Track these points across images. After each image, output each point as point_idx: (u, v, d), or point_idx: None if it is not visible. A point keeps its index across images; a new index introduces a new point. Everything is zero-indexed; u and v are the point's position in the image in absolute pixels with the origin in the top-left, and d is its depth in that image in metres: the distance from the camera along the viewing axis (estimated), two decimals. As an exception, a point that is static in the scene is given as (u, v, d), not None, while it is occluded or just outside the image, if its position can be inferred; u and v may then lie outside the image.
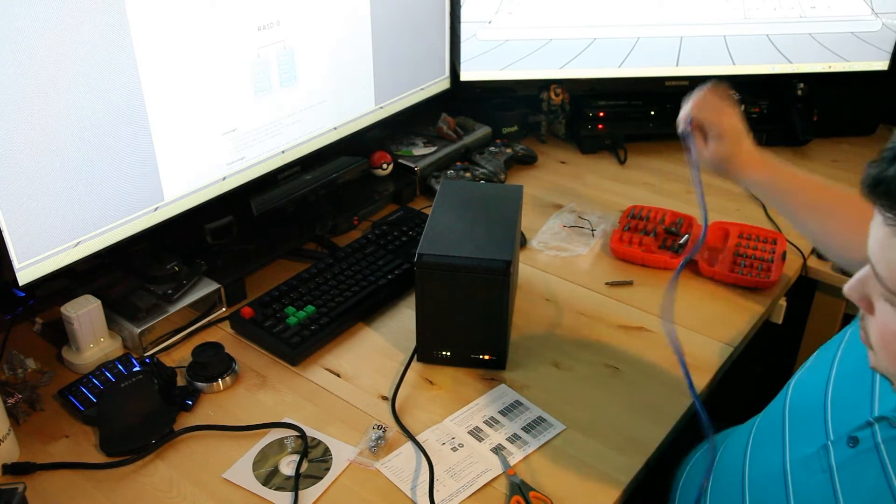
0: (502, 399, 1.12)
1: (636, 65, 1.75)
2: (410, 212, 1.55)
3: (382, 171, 1.61)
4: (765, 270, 1.35)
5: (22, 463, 1.00)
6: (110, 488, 0.98)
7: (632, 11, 1.71)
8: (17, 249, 1.04)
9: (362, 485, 0.99)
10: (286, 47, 1.31)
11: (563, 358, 1.19)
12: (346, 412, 1.10)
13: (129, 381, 1.07)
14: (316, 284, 1.30)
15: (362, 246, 1.40)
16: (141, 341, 1.18)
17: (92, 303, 1.16)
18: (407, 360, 1.17)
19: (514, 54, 1.72)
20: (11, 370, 1.12)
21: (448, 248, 1.10)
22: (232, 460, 1.02)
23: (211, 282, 1.28)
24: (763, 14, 1.71)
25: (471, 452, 1.03)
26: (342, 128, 1.49)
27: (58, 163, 1.05)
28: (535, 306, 1.31)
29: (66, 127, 1.04)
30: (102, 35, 1.05)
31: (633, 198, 1.60)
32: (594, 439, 1.05)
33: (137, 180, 1.16)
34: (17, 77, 0.97)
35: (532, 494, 0.96)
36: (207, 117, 1.23)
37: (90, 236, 1.12)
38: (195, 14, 1.15)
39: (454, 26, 1.66)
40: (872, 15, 1.71)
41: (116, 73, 1.08)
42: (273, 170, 1.38)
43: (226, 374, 1.14)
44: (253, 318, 1.23)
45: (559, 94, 1.82)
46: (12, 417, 1.05)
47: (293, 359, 1.18)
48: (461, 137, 1.73)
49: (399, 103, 1.60)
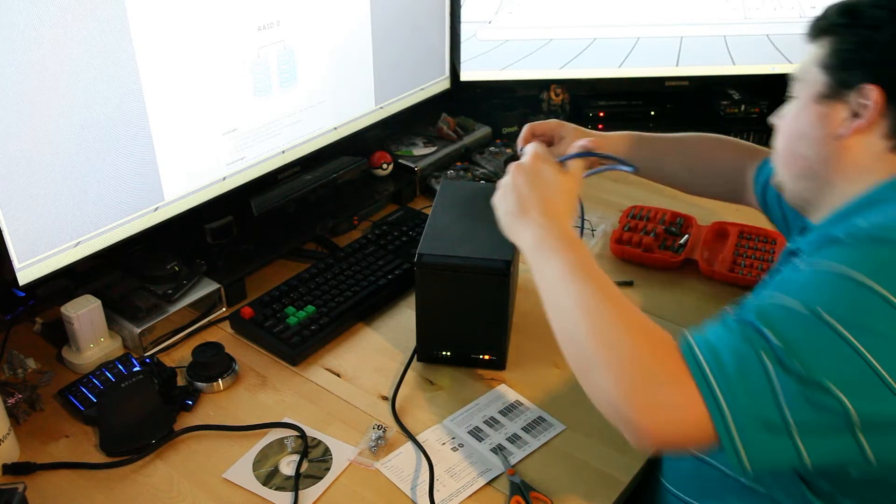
0: (502, 399, 1.11)
1: (636, 65, 1.75)
2: (410, 212, 1.55)
3: (382, 171, 1.61)
4: (765, 270, 1.35)
5: (22, 463, 1.00)
6: (110, 488, 0.98)
7: (632, 11, 1.71)
8: (17, 249, 1.04)
9: (362, 485, 0.99)
10: (286, 47, 1.31)
11: (563, 358, 1.19)
12: (346, 412, 1.10)
13: (129, 381, 1.07)
14: (316, 284, 1.30)
15: (362, 246, 1.40)
16: (141, 341, 1.18)
17: (92, 303, 1.15)
18: (407, 360, 1.17)
19: (514, 54, 1.72)
20: (11, 370, 1.12)
21: (448, 248, 1.10)
22: (232, 460, 1.02)
23: (211, 282, 1.28)
24: (763, 14, 1.71)
25: (471, 452, 1.03)
26: (342, 128, 1.49)
27: (58, 163, 1.05)
28: (535, 306, 1.29)
29: (66, 127, 1.04)
30: (103, 35, 1.05)
31: (633, 198, 1.60)
32: (594, 439, 1.05)
33: (137, 180, 1.16)
34: (16, 77, 0.97)
35: (532, 494, 0.96)
36: (207, 117, 1.23)
37: (90, 236, 1.12)
38: (195, 14, 1.15)
39: (454, 26, 1.66)
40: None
41: (116, 72, 1.08)
42: (273, 170, 1.38)
43: (226, 374, 1.14)
44: (253, 318, 1.23)
45: (559, 94, 1.82)
46: (12, 417, 1.05)
47: (293, 359, 1.18)
48: (461, 137, 1.73)
49: (399, 103, 1.60)
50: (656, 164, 1.23)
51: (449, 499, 0.96)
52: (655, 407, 0.73)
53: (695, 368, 0.72)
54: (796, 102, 0.89)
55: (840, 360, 0.70)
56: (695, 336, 0.76)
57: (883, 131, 0.80)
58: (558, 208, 0.91)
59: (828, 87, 0.83)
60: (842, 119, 0.82)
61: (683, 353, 0.74)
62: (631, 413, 0.73)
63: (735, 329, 0.74)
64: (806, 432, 0.70)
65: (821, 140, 0.85)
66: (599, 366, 0.77)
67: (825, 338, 0.70)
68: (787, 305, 0.73)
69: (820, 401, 0.69)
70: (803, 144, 0.87)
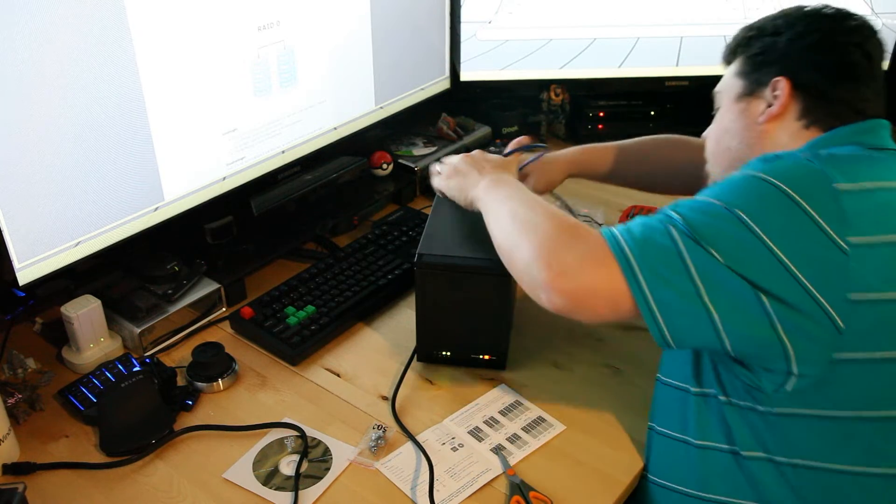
0: (502, 399, 1.12)
1: (636, 65, 1.76)
2: (410, 212, 1.55)
3: (382, 171, 1.61)
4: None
5: (22, 463, 1.00)
6: (110, 488, 0.98)
7: (632, 11, 1.71)
8: (17, 249, 1.04)
9: (362, 485, 0.99)
10: (286, 47, 1.31)
11: (563, 358, 1.19)
12: (346, 412, 1.10)
13: (129, 381, 1.07)
14: (316, 284, 1.30)
15: (362, 246, 1.40)
16: (141, 341, 1.18)
17: (92, 303, 1.15)
18: (407, 360, 1.17)
19: (514, 54, 1.72)
20: (11, 370, 1.12)
21: (448, 248, 1.10)
22: (232, 460, 1.02)
23: (211, 282, 1.28)
24: (763, 14, 1.71)
25: (471, 452, 1.03)
26: (342, 128, 1.49)
27: (58, 163, 1.05)
28: (535, 306, 1.30)
29: (66, 127, 1.04)
30: (102, 35, 1.05)
31: (633, 198, 1.59)
32: (594, 439, 1.05)
33: (137, 180, 1.16)
34: (16, 77, 0.97)
35: (532, 494, 0.96)
36: (207, 117, 1.23)
37: (90, 236, 1.12)
38: (195, 14, 1.15)
39: (454, 26, 1.67)
40: (872, 15, 1.71)
41: (116, 72, 1.08)
42: (273, 170, 1.38)
43: (226, 374, 1.14)
44: (253, 318, 1.23)
45: (559, 94, 1.82)
46: (12, 417, 1.05)
47: (293, 359, 1.18)
48: (461, 137, 1.74)
49: (399, 103, 1.60)
50: (618, 170, 1.34)
51: (449, 499, 0.96)
52: (569, 266, 0.86)
53: (610, 239, 0.85)
54: (720, 110, 1.04)
55: (739, 241, 0.81)
56: (616, 226, 0.89)
57: (795, 114, 0.94)
58: (504, 169, 1.14)
59: (745, 87, 0.99)
60: (760, 111, 0.97)
61: (602, 233, 0.87)
62: (544, 272, 0.86)
63: (650, 218, 0.88)
64: (716, 299, 0.80)
65: (743, 129, 0.99)
66: (524, 241, 0.91)
67: (724, 219, 0.82)
68: (696, 199, 0.87)
69: (722, 273, 0.80)
70: (728, 138, 1.01)
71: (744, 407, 0.88)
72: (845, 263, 0.79)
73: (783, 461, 0.87)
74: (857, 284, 0.79)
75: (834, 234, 0.80)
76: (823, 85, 0.93)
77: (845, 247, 0.79)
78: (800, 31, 0.96)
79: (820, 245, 0.79)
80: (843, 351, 0.81)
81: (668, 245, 0.82)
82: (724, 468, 0.91)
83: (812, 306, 0.79)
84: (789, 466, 0.87)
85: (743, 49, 1.01)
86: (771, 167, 0.85)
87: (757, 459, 0.88)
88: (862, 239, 0.80)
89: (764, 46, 0.98)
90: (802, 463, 0.86)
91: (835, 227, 0.80)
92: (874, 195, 0.83)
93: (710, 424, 0.92)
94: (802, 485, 0.86)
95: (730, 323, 0.81)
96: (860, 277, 0.79)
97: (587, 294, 0.85)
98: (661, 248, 0.83)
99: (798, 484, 0.87)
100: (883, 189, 0.84)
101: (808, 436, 0.85)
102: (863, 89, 0.93)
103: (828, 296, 0.79)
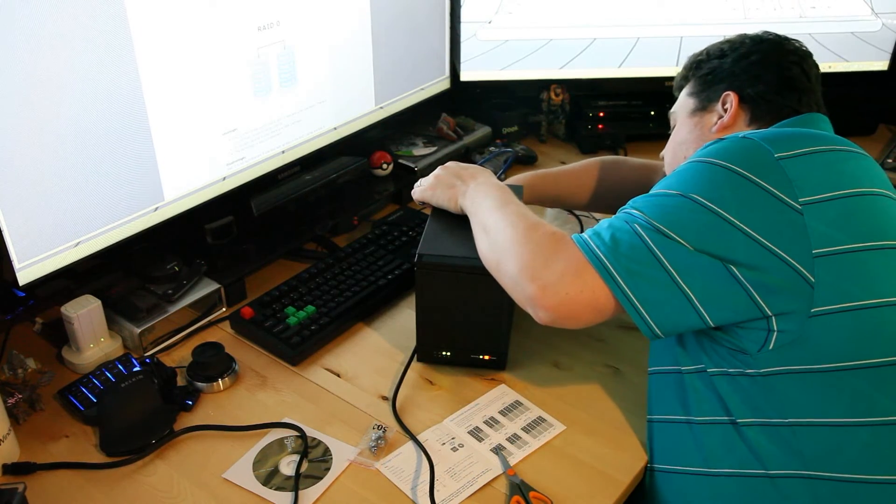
0: (502, 399, 1.12)
1: (636, 65, 1.76)
2: (410, 212, 1.55)
3: (382, 171, 1.61)
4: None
5: (22, 463, 1.00)
6: (110, 488, 0.98)
7: (632, 11, 1.71)
8: (17, 249, 1.04)
9: (362, 485, 0.99)
10: (286, 47, 1.31)
11: (563, 358, 1.20)
12: (346, 412, 1.10)
13: (129, 381, 1.07)
14: (316, 284, 1.30)
15: (362, 246, 1.40)
16: (141, 341, 1.18)
17: (92, 303, 1.15)
18: (407, 360, 1.17)
19: (514, 54, 1.73)
20: (11, 370, 1.12)
21: (448, 248, 1.10)
22: (232, 460, 1.02)
23: (211, 282, 1.28)
24: (763, 14, 1.71)
25: (471, 452, 1.03)
26: (342, 128, 1.49)
27: (58, 163, 1.05)
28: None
29: (66, 127, 1.04)
30: (102, 35, 1.05)
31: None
32: (594, 439, 1.05)
33: (137, 180, 1.16)
34: (16, 77, 0.97)
35: (532, 494, 0.96)
36: (207, 117, 1.23)
37: (90, 236, 1.12)
38: (195, 14, 1.15)
39: (454, 26, 1.67)
40: (872, 15, 1.71)
41: (116, 72, 1.08)
42: (273, 170, 1.38)
43: (226, 374, 1.14)
44: (253, 318, 1.23)
45: (559, 94, 1.82)
46: (12, 417, 1.05)
47: (293, 359, 1.18)
48: (461, 137, 1.74)
49: (399, 103, 1.60)
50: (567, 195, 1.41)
51: (449, 499, 0.96)
52: (550, 282, 0.91)
53: (584, 247, 0.91)
54: (675, 128, 1.16)
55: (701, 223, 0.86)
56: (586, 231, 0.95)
57: (744, 123, 1.06)
58: (486, 177, 1.17)
59: (698, 104, 1.11)
60: (713, 122, 1.08)
61: (575, 241, 0.93)
62: (528, 289, 0.92)
63: (614, 219, 0.93)
64: (692, 282, 0.85)
65: (698, 139, 1.08)
66: (507, 257, 0.97)
67: (682, 205, 0.88)
68: (652, 193, 0.93)
69: (692, 256, 0.85)
70: (683, 148, 1.11)
71: (733, 373, 0.91)
72: (802, 222, 0.85)
73: (779, 422, 0.89)
74: (816, 241, 0.85)
75: (786, 197, 0.86)
76: (769, 95, 1.05)
77: (798, 206, 0.85)
78: (743, 53, 1.09)
79: (775, 210, 0.86)
80: (818, 305, 0.85)
81: (636, 242, 0.88)
82: (725, 441, 0.93)
83: (782, 266, 0.84)
84: (786, 427, 0.88)
85: (694, 73, 1.14)
86: (713, 150, 0.91)
87: (754, 425, 0.90)
88: (811, 198, 0.86)
89: (712, 68, 1.11)
90: (797, 422, 0.88)
91: (784, 191, 0.86)
92: (812, 159, 0.90)
93: (706, 399, 0.94)
94: (802, 446, 0.88)
95: (708, 301, 0.86)
96: (819, 234, 0.85)
97: (571, 305, 0.90)
98: (630, 247, 0.88)
99: (798, 446, 0.88)
100: (816, 152, 0.91)
101: (798, 393, 0.88)
102: (804, 98, 1.05)
103: (794, 254, 0.84)
